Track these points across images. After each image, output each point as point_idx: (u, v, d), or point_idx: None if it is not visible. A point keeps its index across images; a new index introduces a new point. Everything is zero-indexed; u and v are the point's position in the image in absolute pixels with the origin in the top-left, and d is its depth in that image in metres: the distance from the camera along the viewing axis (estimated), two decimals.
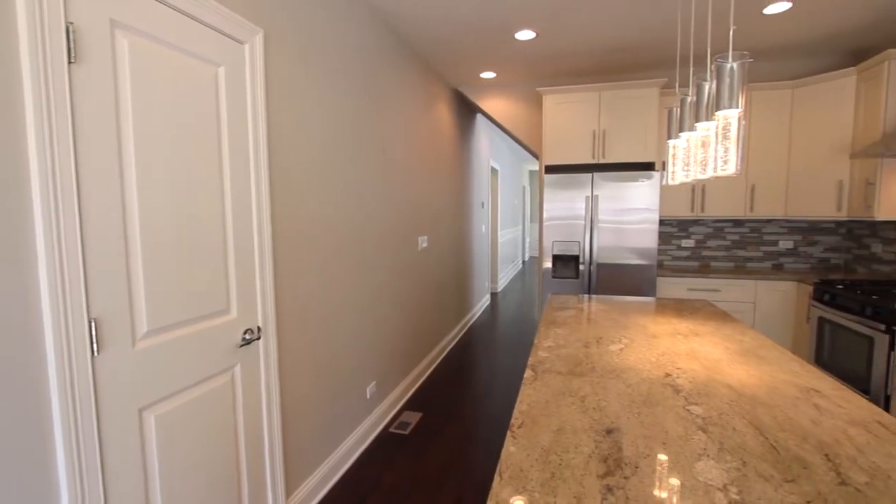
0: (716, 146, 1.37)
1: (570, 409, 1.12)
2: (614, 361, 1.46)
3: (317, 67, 2.04)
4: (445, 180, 4.12)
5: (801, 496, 0.77)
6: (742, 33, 3.12)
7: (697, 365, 1.42)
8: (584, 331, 1.84)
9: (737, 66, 1.29)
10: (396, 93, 2.95)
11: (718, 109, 1.31)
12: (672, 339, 1.72)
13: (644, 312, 2.16)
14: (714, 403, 1.14)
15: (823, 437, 0.97)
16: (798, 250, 3.81)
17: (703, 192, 3.64)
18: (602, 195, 3.38)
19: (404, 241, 3.10)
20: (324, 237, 2.12)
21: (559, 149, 3.59)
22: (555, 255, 3.47)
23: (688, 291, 3.48)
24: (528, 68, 3.77)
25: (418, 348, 3.45)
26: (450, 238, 4.27)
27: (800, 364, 1.43)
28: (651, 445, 0.94)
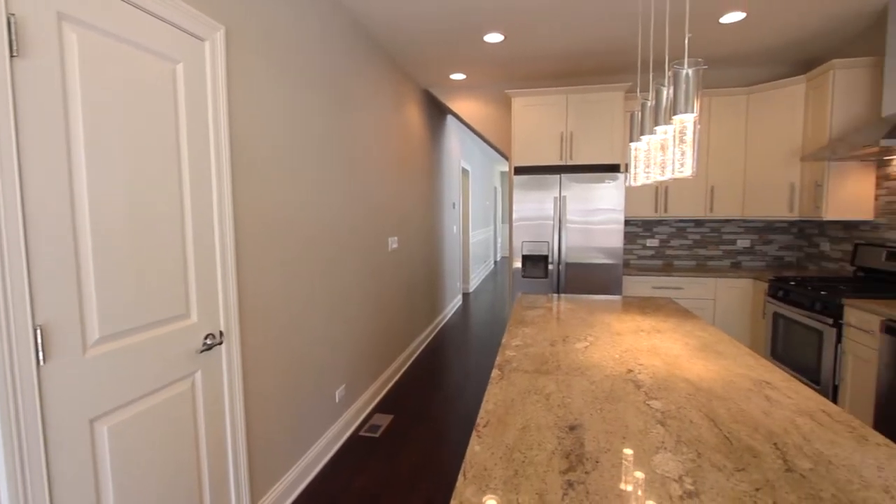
0: (673, 149, 1.42)
1: (536, 406, 1.14)
2: (579, 359, 1.49)
3: (281, 65, 2.00)
4: (416, 181, 4.12)
5: (750, 484, 0.81)
6: (700, 41, 3.25)
7: (658, 361, 1.47)
8: (552, 329, 1.87)
9: (692, 73, 1.34)
10: (365, 92, 2.93)
11: (675, 114, 1.36)
12: (635, 336, 1.77)
13: (610, 311, 2.21)
14: (673, 398, 1.18)
15: (773, 427, 1.02)
16: (754, 249, 3.99)
17: (665, 194, 3.76)
18: (570, 196, 3.45)
19: (374, 241, 3.08)
20: (289, 238, 2.08)
21: (528, 150, 3.64)
22: (524, 255, 3.51)
23: (652, 289, 3.59)
24: (497, 70, 3.81)
25: (389, 350, 3.43)
26: (420, 239, 4.27)
27: (754, 358, 1.49)
28: (612, 440, 0.97)
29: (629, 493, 0.79)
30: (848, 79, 3.02)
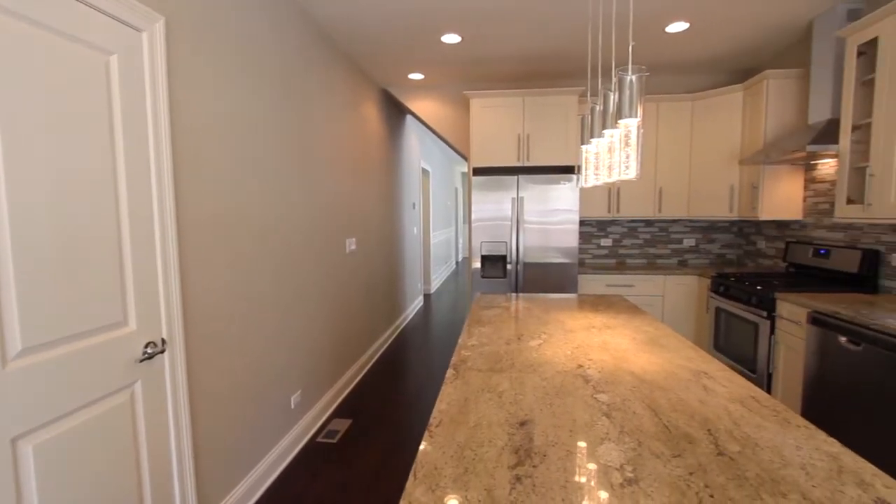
0: (619, 152, 1.47)
1: (488, 404, 1.15)
2: (533, 356, 1.53)
3: (229, 59, 1.93)
4: (374, 181, 4.08)
5: (685, 469, 0.85)
6: (648, 48, 3.40)
7: (607, 356, 1.52)
8: (507, 328, 1.90)
9: (635, 80, 1.39)
10: (321, 90, 2.87)
11: (620, 118, 1.42)
12: (587, 332, 1.82)
13: (564, 309, 2.27)
14: (619, 390, 1.23)
15: (708, 415, 1.08)
16: (699, 247, 4.21)
17: (618, 195, 3.91)
18: (527, 197, 3.52)
19: (331, 242, 3.03)
20: (240, 240, 2.01)
21: (486, 151, 3.68)
22: (483, 255, 3.56)
23: (606, 287, 3.72)
24: (455, 71, 3.84)
25: (348, 353, 3.38)
26: (379, 239, 4.23)
27: (694, 350, 1.58)
28: (560, 434, 0.99)
29: (573, 484, 0.81)
30: (780, 88, 3.24)
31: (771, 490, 0.78)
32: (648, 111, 3.85)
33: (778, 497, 0.77)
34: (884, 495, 0.77)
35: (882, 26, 2.29)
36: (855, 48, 2.49)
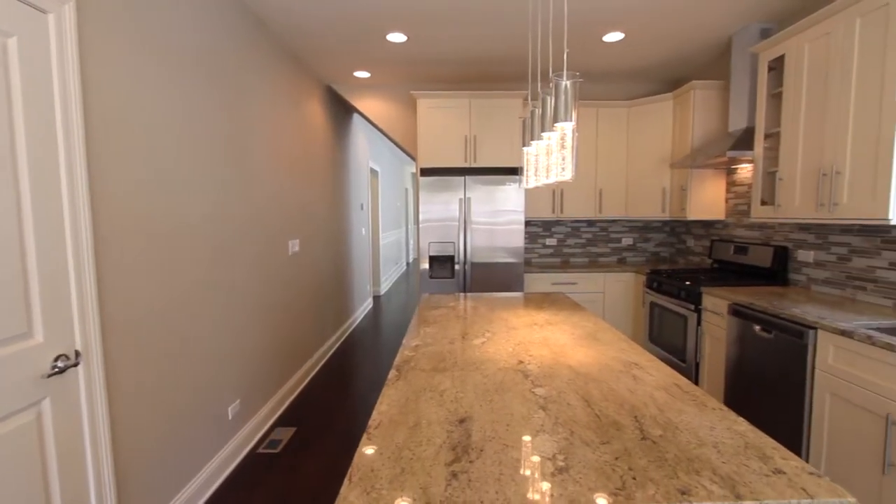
0: (556, 154, 1.52)
1: (429, 404, 1.15)
2: (476, 354, 1.55)
3: (152, 47, 1.81)
4: (319, 180, 3.98)
5: (612, 454, 0.89)
6: (587, 56, 3.55)
7: (547, 351, 1.57)
8: (453, 328, 1.91)
9: (570, 85, 1.45)
10: (259, 83, 2.76)
11: (556, 121, 1.47)
12: (529, 329, 1.87)
13: (509, 307, 2.32)
14: (555, 384, 1.27)
15: (635, 402, 1.14)
16: (636, 246, 4.45)
17: (561, 196, 4.05)
18: (474, 198, 3.57)
19: (272, 244, 2.91)
20: (168, 242, 1.89)
21: (433, 152, 3.70)
22: (431, 256, 3.56)
23: (551, 285, 3.84)
24: (402, 71, 3.82)
25: (292, 359, 3.27)
26: (326, 241, 4.13)
27: (627, 343, 1.66)
28: (497, 429, 1.01)
29: (507, 476, 0.83)
30: (705, 98, 3.50)
31: (686, 468, 0.84)
32: (589, 116, 4.02)
33: (692, 474, 0.82)
34: (780, 466, 0.84)
35: (788, 45, 2.52)
36: (766, 63, 2.73)
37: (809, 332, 2.01)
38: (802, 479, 0.80)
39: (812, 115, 2.36)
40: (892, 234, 2.25)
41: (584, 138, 4.03)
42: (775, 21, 2.94)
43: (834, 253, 2.58)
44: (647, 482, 0.80)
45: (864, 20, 2.07)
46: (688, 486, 0.79)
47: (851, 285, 2.46)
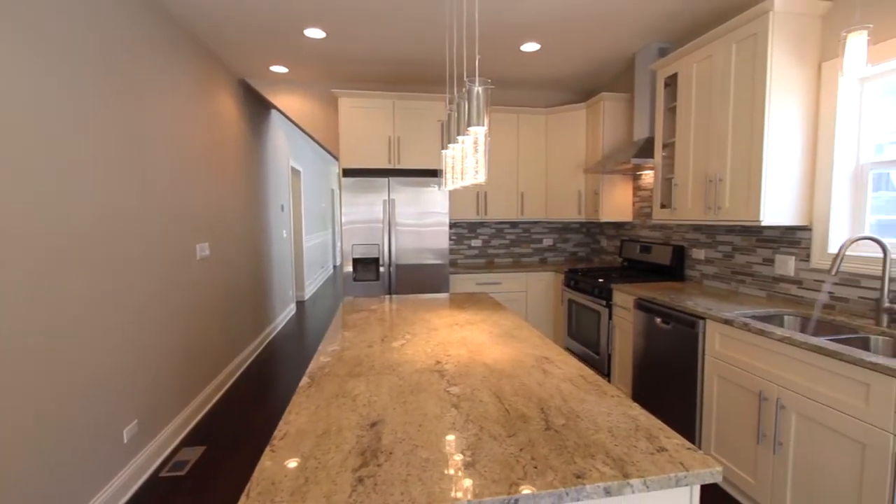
0: (471, 157, 1.56)
1: (341, 409, 1.12)
2: (394, 357, 1.53)
3: (27, 34, 1.59)
4: (233, 180, 3.74)
5: (517, 446, 0.93)
6: (506, 64, 3.68)
7: (464, 350, 1.60)
8: (372, 331, 1.88)
9: (481, 91, 1.49)
10: (158, 73, 2.54)
11: (470, 125, 1.50)
12: (450, 329, 1.89)
13: (432, 308, 2.33)
14: (470, 382, 1.29)
15: (543, 395, 1.19)
16: (556, 246, 4.69)
17: (485, 198, 4.16)
18: (399, 199, 3.55)
19: (176, 248, 2.69)
20: (43, 243, 1.67)
21: (357, 152, 3.63)
22: (355, 258, 3.49)
23: (476, 286, 3.92)
24: (322, 68, 3.71)
25: (202, 371, 3.03)
26: (241, 244, 3.89)
27: (541, 339, 1.74)
28: (409, 430, 1.01)
29: (414, 476, 0.82)
30: (613, 108, 3.77)
31: (583, 454, 0.89)
32: (510, 122, 4.17)
33: (588, 458, 0.87)
34: (664, 444, 0.92)
35: (680, 64, 2.80)
36: (662, 80, 3.00)
37: (700, 322, 2.24)
38: (681, 455, 0.88)
39: (700, 128, 2.64)
40: (764, 233, 2.58)
41: (505, 143, 4.17)
42: (672, 41, 3.25)
43: (721, 251, 2.90)
44: (547, 470, 0.84)
45: (739, 46, 2.35)
46: (583, 469, 0.84)
47: (735, 279, 2.78)
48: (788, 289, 2.42)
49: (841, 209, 2.19)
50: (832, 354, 1.57)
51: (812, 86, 2.23)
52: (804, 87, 2.22)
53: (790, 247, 2.41)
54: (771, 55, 2.17)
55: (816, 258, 2.26)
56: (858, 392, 1.50)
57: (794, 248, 2.39)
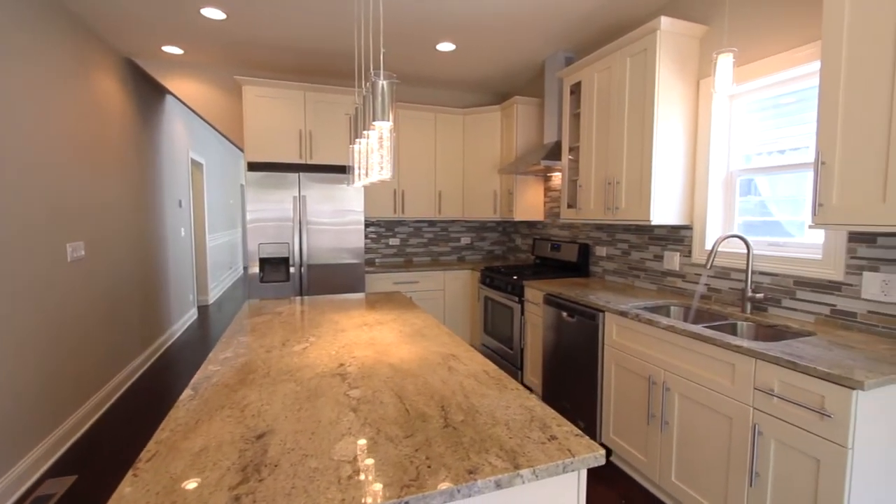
0: (376, 153, 1.51)
1: (226, 422, 1.02)
2: (294, 362, 1.44)
3: None
4: (116, 171, 3.33)
5: (413, 447, 0.90)
6: (424, 63, 3.68)
7: (371, 351, 1.55)
8: (274, 335, 1.76)
9: (387, 85, 1.45)
10: (15, 52, 2.17)
11: (374, 120, 1.45)
12: (358, 330, 1.83)
13: (342, 309, 2.25)
14: (373, 383, 1.25)
15: (445, 392, 1.18)
16: (474, 245, 4.78)
17: (402, 197, 4.12)
18: (311, 196, 3.39)
19: (39, 249, 2.32)
20: None
21: (264, 146, 3.40)
22: (262, 258, 3.27)
23: (394, 285, 3.87)
24: (225, 52, 3.43)
25: (75, 390, 2.65)
26: (126, 243, 3.47)
27: (450, 337, 1.73)
28: (299, 440, 0.94)
29: (301, 488, 0.76)
30: (526, 112, 3.92)
31: (478, 449, 0.89)
32: (428, 120, 4.17)
33: (482, 453, 0.87)
34: (555, 433, 0.95)
35: (583, 73, 2.98)
36: (568, 87, 3.18)
37: (599, 315, 2.39)
38: (569, 442, 0.92)
39: (600, 134, 2.83)
40: (654, 232, 2.83)
41: (423, 142, 4.17)
42: (577, 51, 3.45)
43: (619, 248, 3.13)
44: (440, 468, 0.82)
45: (632, 60, 2.55)
46: (476, 465, 0.83)
47: (631, 274, 3.02)
48: (674, 282, 2.67)
49: (715, 210, 2.46)
50: (706, 340, 1.75)
51: (692, 100, 2.48)
52: (686, 101, 2.47)
53: (676, 244, 2.67)
54: (659, 70, 2.38)
55: (696, 254, 2.52)
56: (726, 372, 1.69)
57: (679, 245, 2.64)
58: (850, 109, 1.53)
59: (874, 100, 1.46)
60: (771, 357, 1.50)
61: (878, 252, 1.71)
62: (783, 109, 2.15)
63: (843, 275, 1.82)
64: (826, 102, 1.59)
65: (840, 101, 1.55)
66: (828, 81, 1.58)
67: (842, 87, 1.54)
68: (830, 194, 1.58)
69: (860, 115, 1.50)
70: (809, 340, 1.66)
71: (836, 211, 1.56)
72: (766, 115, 2.22)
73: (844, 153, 1.54)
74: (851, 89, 1.52)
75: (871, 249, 1.74)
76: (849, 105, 1.53)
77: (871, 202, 1.47)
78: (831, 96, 1.57)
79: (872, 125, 1.46)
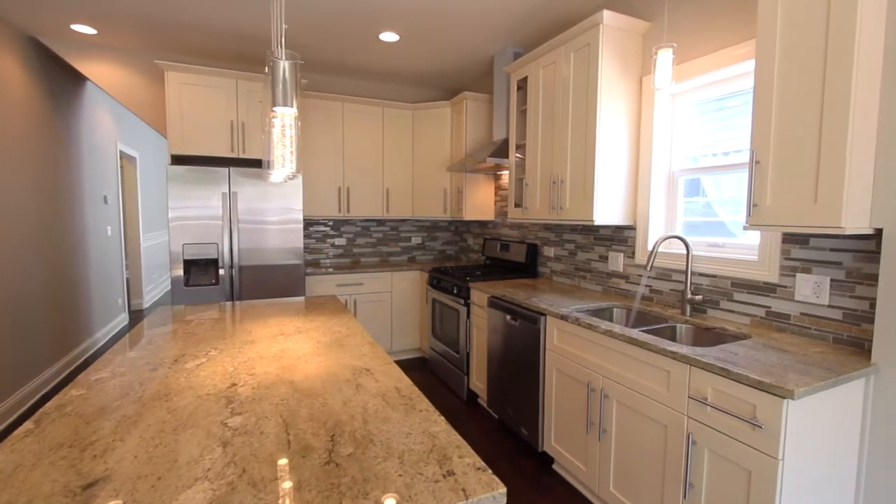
0: (279, 145, 1.34)
1: (53, 468, 0.83)
2: (179, 382, 1.24)
3: None
4: (17, 165, 2.97)
5: (276, 495, 0.74)
6: (367, 54, 3.49)
7: (275, 366, 1.37)
8: (169, 349, 1.55)
9: (288, 66, 1.28)
10: None
11: (275, 106, 1.28)
12: (271, 341, 1.64)
13: (264, 316, 2.05)
14: (261, 408, 1.08)
15: (343, 417, 1.03)
16: (425, 245, 4.64)
17: (348, 194, 3.92)
18: (243, 193, 3.14)
19: None
20: None
21: (191, 137, 3.13)
22: (187, 260, 3.00)
23: (337, 287, 3.67)
24: (143, 34, 3.12)
25: None
26: (30, 243, 3.10)
27: (371, 347, 1.58)
28: (139, 487, 0.76)
29: None
30: (475, 108, 3.81)
31: (356, 493, 0.74)
32: (374, 115, 3.99)
33: (359, 499, 0.72)
34: (455, 465, 0.82)
35: (529, 68, 2.89)
36: (515, 83, 3.08)
37: (541, 318, 2.30)
38: (468, 479, 0.78)
39: (546, 131, 2.74)
40: (599, 232, 2.77)
41: (370, 137, 3.99)
42: (525, 46, 3.36)
43: (567, 248, 3.07)
44: None
45: (576, 55, 2.47)
46: None
47: (578, 275, 2.96)
48: (618, 283, 2.62)
49: (658, 211, 2.42)
50: (642, 345, 1.68)
51: (635, 98, 2.43)
52: (629, 99, 2.41)
53: (620, 244, 2.62)
54: (602, 66, 2.31)
55: (640, 255, 2.48)
56: (662, 379, 1.62)
57: (623, 245, 2.59)
58: (783, 108, 1.48)
59: (806, 99, 1.42)
60: (704, 363, 1.44)
61: (811, 253, 1.69)
62: (727, 112, 2.12)
63: (777, 276, 1.79)
64: (760, 101, 1.54)
65: (773, 99, 1.50)
66: (762, 79, 1.54)
67: (775, 85, 1.50)
68: (765, 195, 1.53)
69: (793, 114, 1.45)
70: (745, 344, 1.62)
71: (769, 211, 1.52)
72: (711, 117, 2.19)
73: (778, 153, 1.50)
74: (784, 88, 1.48)
75: (804, 251, 1.71)
76: (782, 104, 1.48)
77: (803, 203, 1.43)
78: (765, 94, 1.53)
79: (804, 125, 1.42)
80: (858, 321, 1.56)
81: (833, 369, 1.37)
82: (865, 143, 1.36)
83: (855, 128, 1.32)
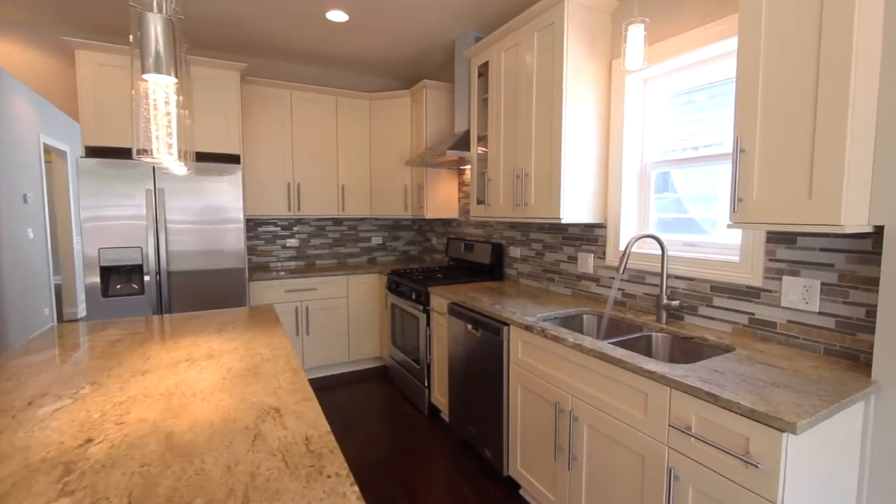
0: (153, 125, 1.03)
1: None
2: (12, 441, 0.93)
3: None
4: None
5: None
6: (315, 35, 3.17)
7: (158, 409, 1.07)
8: (29, 386, 1.22)
9: (161, 22, 0.98)
10: None
11: (145, 73, 0.98)
12: (169, 370, 1.34)
13: (180, 334, 1.73)
14: (108, 482, 0.78)
15: (219, 493, 0.75)
16: (387, 245, 4.34)
17: (298, 191, 3.59)
18: (171, 189, 2.77)
19: None
20: None
21: (107, 127, 2.73)
22: (104, 266, 2.61)
23: (286, 293, 3.34)
24: (55, 9, 2.71)
25: None
26: None
27: (293, 376, 1.30)
28: None
29: None
30: (436, 98, 3.54)
31: None
32: (327, 104, 3.66)
33: None
34: None
35: (490, 52, 2.64)
36: (476, 69, 2.83)
37: (504, 329, 2.06)
38: None
39: (509, 121, 2.50)
40: (568, 231, 2.56)
41: (323, 129, 3.66)
42: (487, 30, 3.11)
43: (534, 249, 2.84)
44: None
45: (540, 35, 2.24)
46: None
47: (545, 277, 2.74)
48: (589, 286, 2.41)
49: (630, 207, 2.22)
50: (615, 362, 1.46)
51: (604, 82, 2.22)
52: (598, 83, 2.20)
53: (589, 244, 2.41)
54: (567, 46, 2.08)
55: (611, 256, 2.27)
56: (639, 402, 1.40)
57: (593, 245, 2.39)
58: (770, 89, 1.28)
59: (798, 79, 1.21)
60: (687, 386, 1.22)
61: (799, 254, 1.51)
62: (695, 106, 1.93)
63: (761, 280, 1.61)
64: (744, 80, 1.34)
65: (760, 78, 1.30)
66: (746, 55, 1.33)
67: (761, 61, 1.29)
68: (751, 188, 1.33)
69: (782, 96, 1.25)
70: (729, 358, 1.42)
71: (757, 207, 1.31)
72: (681, 110, 2.00)
73: (766, 140, 1.29)
74: (772, 64, 1.27)
75: (791, 251, 1.53)
76: (769, 83, 1.28)
77: (795, 197, 1.23)
78: (750, 72, 1.32)
79: (796, 108, 1.22)
80: (853, 330, 1.38)
81: (832, 389, 1.17)
82: (865, 128, 1.16)
83: (856, 111, 1.12)
